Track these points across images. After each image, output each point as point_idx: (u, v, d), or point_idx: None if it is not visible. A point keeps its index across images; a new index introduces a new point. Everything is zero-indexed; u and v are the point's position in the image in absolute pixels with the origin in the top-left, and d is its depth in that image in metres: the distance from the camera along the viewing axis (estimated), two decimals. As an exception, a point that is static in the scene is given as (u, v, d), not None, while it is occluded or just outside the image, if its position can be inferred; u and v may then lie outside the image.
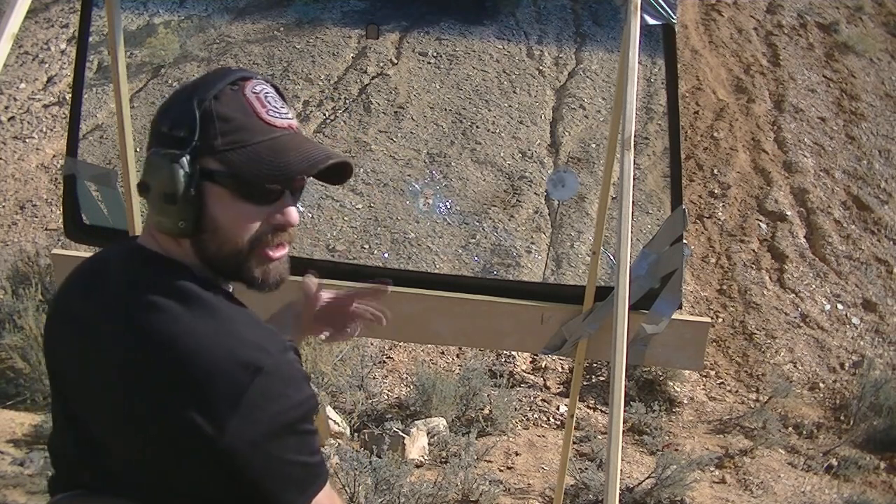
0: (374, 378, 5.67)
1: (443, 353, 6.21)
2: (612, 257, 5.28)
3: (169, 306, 1.05)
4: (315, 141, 1.21)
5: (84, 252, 2.99)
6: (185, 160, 1.05)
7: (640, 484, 4.69)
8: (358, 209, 7.26)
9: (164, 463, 1.05)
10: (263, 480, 1.04)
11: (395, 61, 8.99)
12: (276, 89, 1.13)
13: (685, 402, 6.02)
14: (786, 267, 7.28)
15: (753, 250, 7.44)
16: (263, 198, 1.09)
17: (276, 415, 1.03)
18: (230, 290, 1.17)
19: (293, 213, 1.13)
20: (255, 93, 1.09)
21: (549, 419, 5.61)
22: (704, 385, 6.25)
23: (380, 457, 4.08)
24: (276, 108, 1.10)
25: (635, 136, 2.09)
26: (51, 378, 1.19)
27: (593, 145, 8.14)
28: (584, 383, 5.86)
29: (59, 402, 1.15)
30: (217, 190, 1.07)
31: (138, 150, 2.53)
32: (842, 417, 5.99)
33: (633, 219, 2.25)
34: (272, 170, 1.07)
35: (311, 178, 1.14)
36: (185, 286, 1.07)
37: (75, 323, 1.13)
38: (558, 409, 5.69)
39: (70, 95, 3.78)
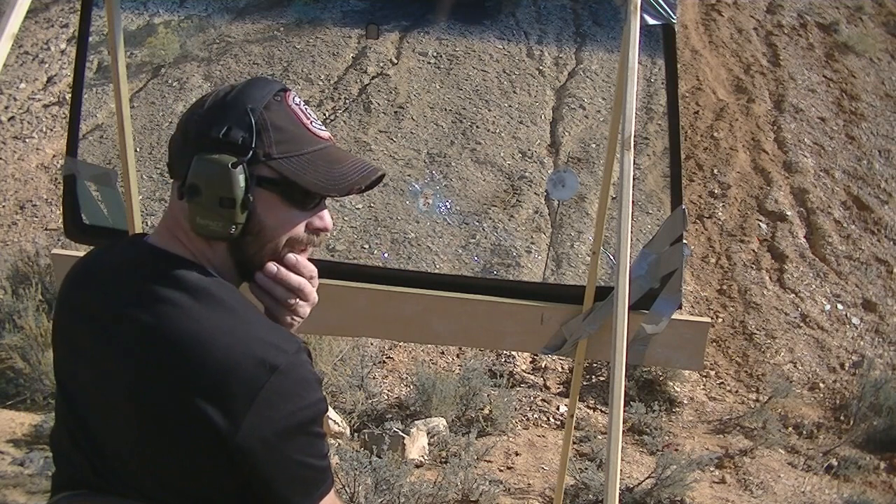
0: (374, 378, 5.67)
1: (443, 353, 6.21)
2: (612, 257, 5.28)
3: (185, 303, 1.06)
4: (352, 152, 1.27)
5: (84, 252, 2.98)
6: (245, 166, 1.08)
7: (640, 484, 4.69)
8: (358, 209, 7.26)
9: (171, 461, 1.05)
10: (271, 479, 1.05)
11: (395, 61, 8.98)
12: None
13: (685, 402, 6.01)
14: (786, 267, 7.28)
15: (753, 250, 7.44)
16: (309, 204, 1.14)
17: (289, 414, 1.04)
18: None
19: (329, 217, 1.18)
20: (296, 104, 1.13)
21: (549, 419, 5.61)
22: (704, 385, 6.25)
23: (380, 457, 4.08)
24: (316, 120, 1.15)
25: (635, 136, 2.09)
26: (57, 377, 1.19)
27: (593, 145, 8.14)
28: (584, 383, 5.86)
29: (65, 401, 1.15)
30: (266, 195, 1.10)
31: (138, 150, 2.54)
32: (842, 417, 5.98)
33: (633, 219, 2.26)
34: (329, 179, 1.12)
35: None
36: (201, 284, 1.09)
37: (86, 321, 1.13)
38: (558, 409, 5.69)
39: (70, 95, 3.77)
